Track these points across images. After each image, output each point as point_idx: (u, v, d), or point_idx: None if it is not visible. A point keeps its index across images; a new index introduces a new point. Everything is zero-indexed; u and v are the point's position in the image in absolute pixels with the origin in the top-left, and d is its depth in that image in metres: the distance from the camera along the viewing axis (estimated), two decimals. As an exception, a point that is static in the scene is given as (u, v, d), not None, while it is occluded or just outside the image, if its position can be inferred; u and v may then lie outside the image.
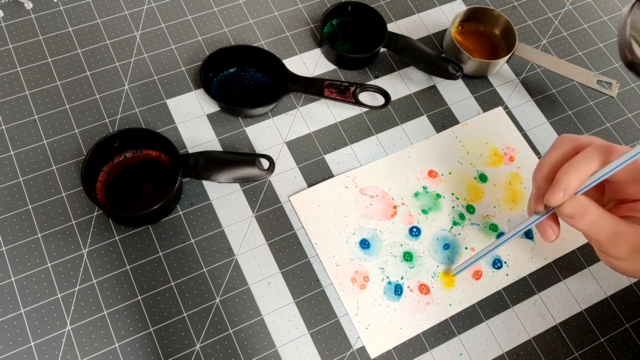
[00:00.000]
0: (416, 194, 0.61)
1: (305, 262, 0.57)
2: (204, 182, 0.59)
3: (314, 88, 0.62)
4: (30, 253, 0.54)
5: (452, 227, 0.59)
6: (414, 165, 0.62)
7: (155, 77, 0.64)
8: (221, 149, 0.61)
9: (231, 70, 0.65)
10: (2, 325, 0.51)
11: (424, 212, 0.60)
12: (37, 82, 0.62)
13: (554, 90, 0.69)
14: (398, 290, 0.56)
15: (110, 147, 0.56)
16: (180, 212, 0.57)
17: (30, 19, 0.65)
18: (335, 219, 0.58)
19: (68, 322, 0.52)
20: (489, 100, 0.67)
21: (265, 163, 0.59)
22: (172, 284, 0.54)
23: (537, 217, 0.44)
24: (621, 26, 0.33)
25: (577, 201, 0.39)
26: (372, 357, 0.53)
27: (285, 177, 0.60)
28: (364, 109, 0.65)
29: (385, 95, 0.63)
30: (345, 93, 0.62)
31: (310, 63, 0.67)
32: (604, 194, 0.45)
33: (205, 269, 0.55)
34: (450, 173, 0.62)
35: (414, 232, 0.59)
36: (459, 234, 0.59)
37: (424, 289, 0.56)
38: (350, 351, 0.53)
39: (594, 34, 0.74)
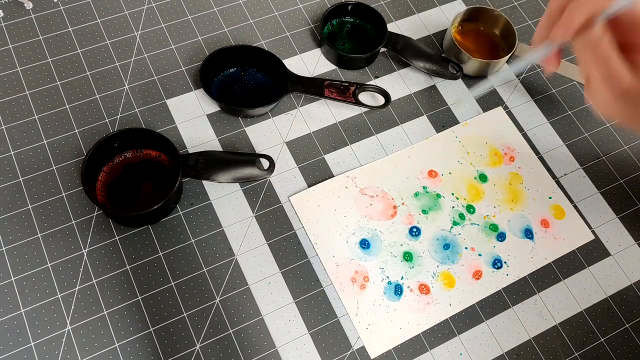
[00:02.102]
0: (416, 194, 0.61)
1: (305, 262, 0.57)
2: (204, 182, 0.59)
3: (314, 88, 0.62)
4: (30, 253, 0.54)
5: (452, 227, 0.59)
6: (414, 165, 0.62)
7: (155, 77, 0.64)
8: (221, 149, 0.61)
9: (231, 70, 0.65)
10: (2, 325, 0.51)
11: (424, 212, 0.60)
12: (37, 82, 0.62)
13: (554, 90, 0.69)
14: (398, 290, 0.56)
15: (110, 147, 0.56)
16: (180, 212, 0.57)
17: (30, 19, 0.65)
18: (335, 219, 0.58)
19: (68, 322, 0.52)
20: (489, 100, 0.67)
21: (265, 163, 0.59)
22: (172, 284, 0.54)
23: (545, 48, 0.43)
24: None
25: (599, 28, 0.39)
26: (372, 357, 0.53)
27: (285, 177, 0.60)
28: (364, 109, 0.65)
29: (385, 95, 0.63)
30: (345, 93, 0.62)
31: (310, 63, 0.67)
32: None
33: (205, 269, 0.55)
34: (450, 173, 0.62)
35: (414, 232, 0.59)
36: (459, 234, 0.59)
37: (424, 289, 0.56)
38: (350, 351, 0.53)
39: (594, 34, 0.74)
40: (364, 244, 0.58)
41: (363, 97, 0.64)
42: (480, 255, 0.58)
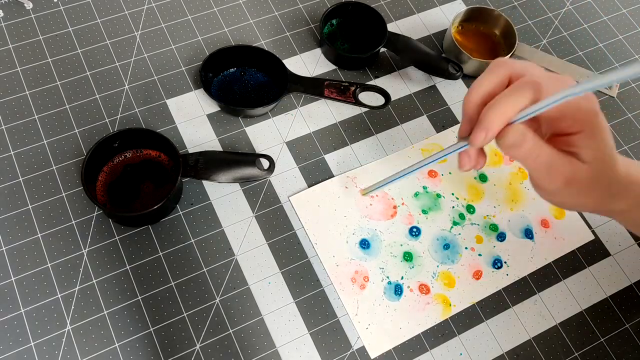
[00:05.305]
0: (416, 194, 0.61)
1: (305, 262, 0.57)
2: (204, 182, 0.59)
3: (314, 88, 0.62)
4: (30, 253, 0.54)
5: (452, 227, 0.59)
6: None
7: (155, 77, 0.64)
8: (221, 149, 0.61)
9: (231, 70, 0.65)
10: (2, 325, 0.51)
11: (424, 212, 0.60)
12: (37, 82, 0.62)
13: (554, 90, 0.69)
14: (398, 290, 0.56)
15: (110, 147, 0.56)
16: (180, 212, 0.57)
17: (30, 19, 0.65)
18: (335, 219, 0.58)
19: (68, 322, 0.52)
20: (489, 100, 0.67)
21: (265, 163, 0.59)
22: (172, 284, 0.54)
23: (464, 143, 0.41)
24: None
25: (516, 131, 0.38)
26: (372, 357, 0.53)
27: (285, 177, 0.60)
28: (364, 109, 0.65)
29: (385, 95, 0.63)
30: (345, 93, 0.62)
31: (310, 63, 0.67)
32: (542, 125, 0.43)
33: (205, 269, 0.55)
34: (450, 173, 0.62)
35: (414, 232, 0.59)
36: (459, 234, 0.59)
37: (424, 289, 0.56)
38: (350, 351, 0.53)
39: (594, 34, 0.74)
40: (364, 244, 0.58)
41: (363, 97, 0.64)
42: (480, 255, 0.58)
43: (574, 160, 0.40)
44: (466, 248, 0.59)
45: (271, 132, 0.62)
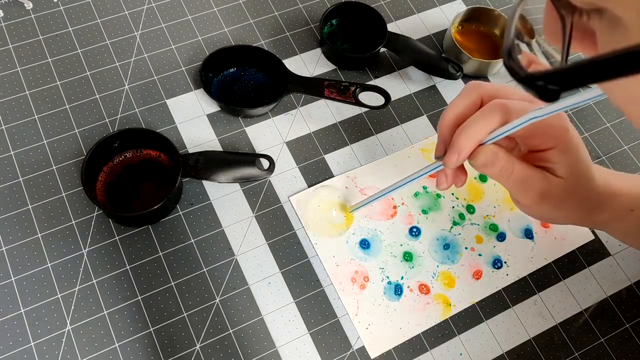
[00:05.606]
0: (416, 194, 0.61)
1: (305, 262, 0.57)
2: (204, 182, 0.59)
3: (314, 88, 0.62)
4: (30, 253, 0.54)
5: (452, 227, 0.59)
6: (414, 165, 0.62)
7: (155, 77, 0.64)
8: (221, 149, 0.61)
9: (231, 70, 0.65)
10: (2, 325, 0.51)
11: (424, 212, 0.60)
12: (37, 82, 0.62)
13: (554, 90, 0.69)
14: (398, 290, 0.56)
15: (110, 147, 0.56)
16: (180, 212, 0.57)
17: (30, 19, 0.65)
18: (335, 219, 0.58)
19: (68, 322, 0.52)
20: (489, 100, 0.67)
21: (265, 163, 0.59)
22: (172, 284, 0.54)
23: (439, 163, 0.42)
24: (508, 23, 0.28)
25: (487, 151, 0.39)
26: (372, 357, 0.53)
27: (285, 177, 0.60)
28: (364, 109, 0.65)
29: (385, 95, 0.63)
30: (345, 93, 0.62)
31: (310, 63, 0.67)
32: (518, 142, 0.45)
33: (205, 269, 0.55)
34: (450, 173, 0.62)
35: (414, 232, 0.59)
36: (459, 234, 0.59)
37: (424, 289, 0.56)
38: (350, 351, 0.53)
39: (594, 34, 0.74)
40: (364, 244, 0.58)
41: (363, 97, 0.64)
42: (480, 255, 0.58)
43: (548, 176, 0.41)
44: (466, 248, 0.59)
45: (271, 132, 0.62)
